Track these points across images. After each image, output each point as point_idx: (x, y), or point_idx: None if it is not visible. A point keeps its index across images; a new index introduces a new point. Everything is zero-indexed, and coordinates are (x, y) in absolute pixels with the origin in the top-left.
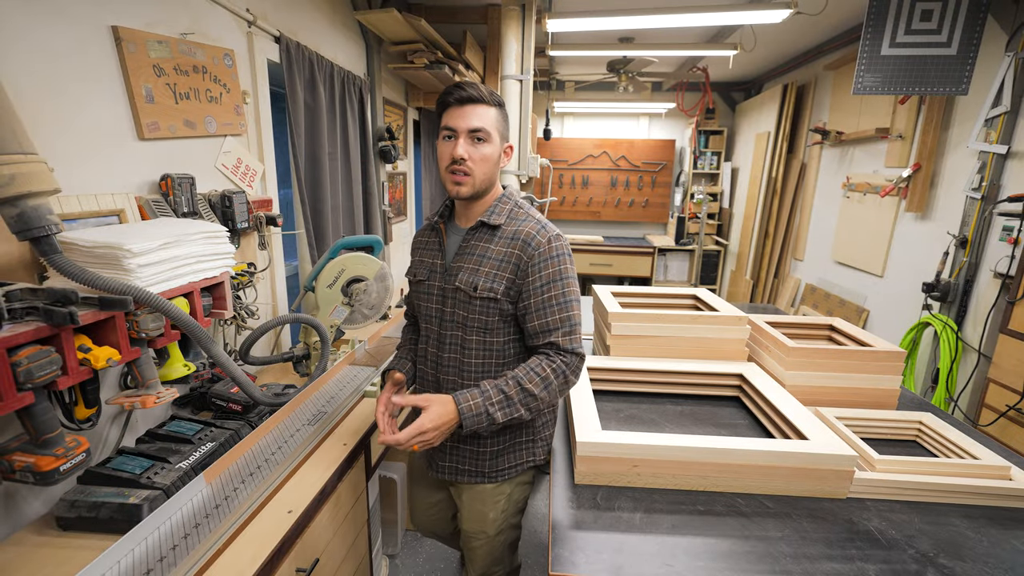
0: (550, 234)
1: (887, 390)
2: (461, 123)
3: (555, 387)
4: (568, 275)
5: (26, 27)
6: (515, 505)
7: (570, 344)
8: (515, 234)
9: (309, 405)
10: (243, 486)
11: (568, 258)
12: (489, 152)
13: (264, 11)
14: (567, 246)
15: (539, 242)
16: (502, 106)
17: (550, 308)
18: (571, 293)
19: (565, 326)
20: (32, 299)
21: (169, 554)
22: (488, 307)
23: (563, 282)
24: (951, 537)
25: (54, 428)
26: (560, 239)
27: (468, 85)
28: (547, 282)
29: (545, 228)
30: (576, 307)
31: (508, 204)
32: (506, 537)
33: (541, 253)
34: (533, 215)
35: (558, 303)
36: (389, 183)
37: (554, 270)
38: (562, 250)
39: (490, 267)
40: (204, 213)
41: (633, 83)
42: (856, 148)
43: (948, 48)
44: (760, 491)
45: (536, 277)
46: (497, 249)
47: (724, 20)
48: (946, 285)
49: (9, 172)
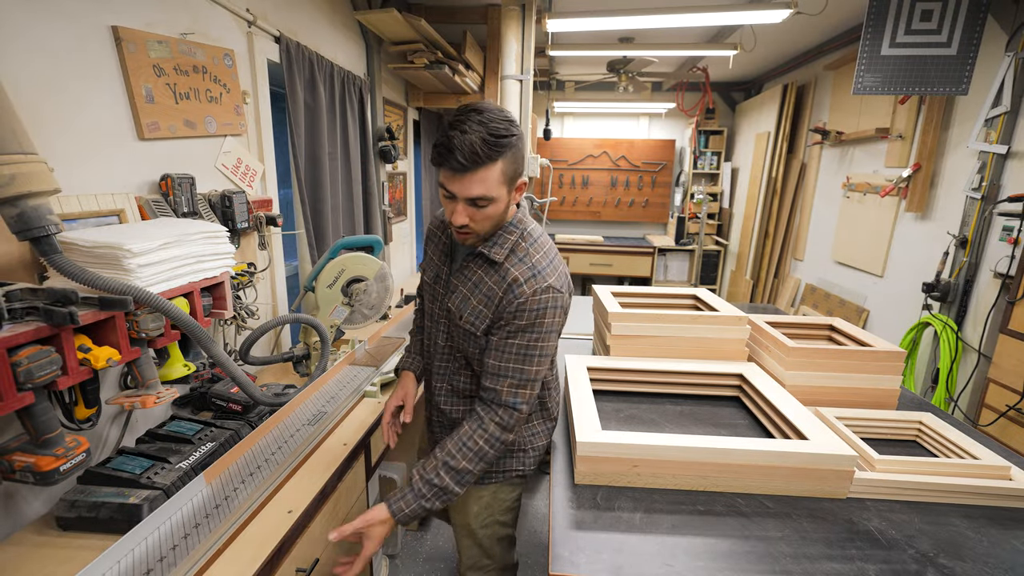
0: (539, 285)
1: (887, 390)
2: (459, 191)
3: (490, 456)
4: (543, 329)
5: (26, 27)
6: (501, 503)
7: (513, 398)
8: (506, 274)
9: (309, 405)
10: (243, 486)
11: (552, 311)
12: (494, 211)
13: (264, 11)
14: (558, 298)
15: (523, 291)
16: (510, 148)
17: (508, 354)
18: (538, 348)
19: (515, 377)
20: (32, 299)
21: (169, 554)
22: (469, 339)
23: (534, 335)
24: (951, 537)
25: (54, 428)
26: (549, 291)
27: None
28: (516, 331)
29: (536, 277)
30: (540, 363)
31: (513, 236)
32: (493, 532)
33: (520, 304)
34: (533, 255)
35: (519, 352)
36: (389, 183)
37: (528, 322)
38: (546, 303)
39: (478, 301)
40: (204, 213)
41: (633, 83)
42: (856, 148)
43: (948, 48)
44: (760, 491)
45: (509, 325)
46: (489, 284)
47: (724, 20)
48: (946, 285)
49: (9, 172)
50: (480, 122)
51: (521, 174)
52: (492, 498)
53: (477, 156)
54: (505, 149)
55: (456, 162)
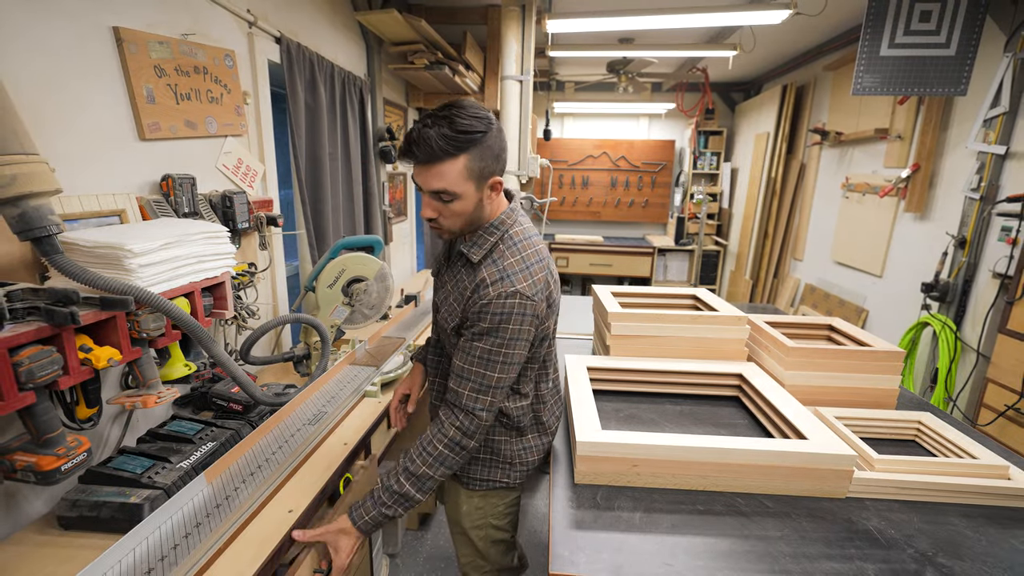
0: (505, 289)
1: (886, 390)
2: (422, 183)
3: (452, 461)
4: (507, 336)
5: (27, 28)
6: (494, 507)
7: (473, 403)
8: (477, 274)
9: (309, 405)
10: (244, 486)
11: (518, 317)
12: (460, 207)
13: (265, 12)
14: (525, 304)
15: (487, 293)
16: (474, 143)
17: (471, 357)
18: (499, 354)
19: (476, 382)
20: (33, 299)
21: (170, 553)
22: (444, 334)
23: (496, 339)
24: (950, 536)
25: (55, 428)
26: (515, 297)
27: (420, 143)
28: (480, 333)
29: (504, 280)
30: (502, 370)
31: (493, 237)
32: (486, 535)
33: (483, 305)
34: (507, 258)
35: (481, 357)
36: (389, 183)
37: (491, 326)
38: (511, 309)
39: (454, 299)
40: (205, 213)
41: (633, 83)
42: (855, 148)
43: (947, 49)
44: (759, 491)
45: (474, 324)
46: (465, 283)
47: (724, 21)
48: (945, 285)
49: (11, 172)
50: (447, 117)
51: (494, 172)
52: (483, 501)
53: (432, 151)
54: (468, 145)
55: (414, 155)
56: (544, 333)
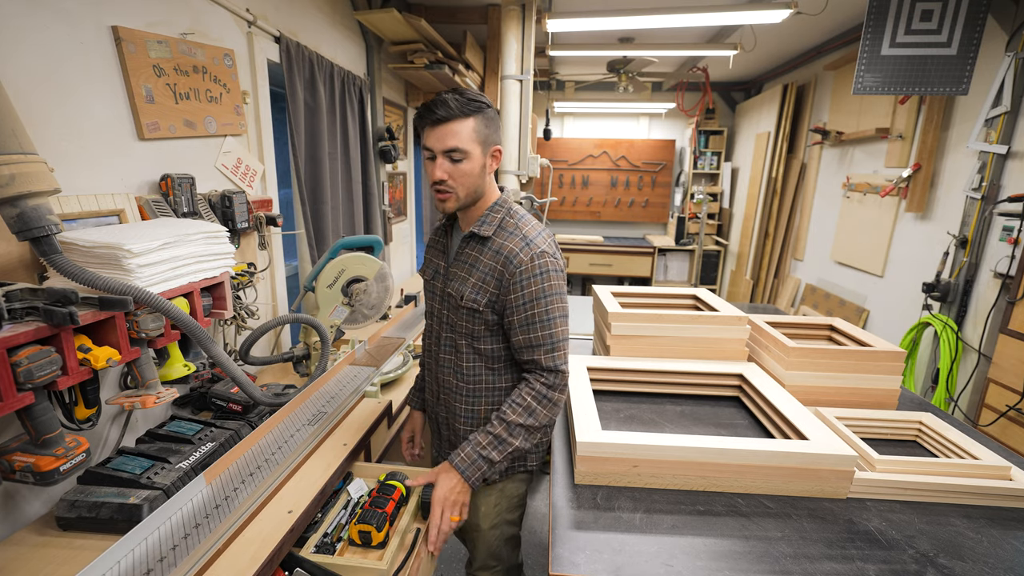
0: (533, 251)
1: (887, 390)
2: (436, 144)
3: (542, 412)
4: (551, 292)
5: (26, 27)
6: (508, 501)
7: (552, 362)
8: (500, 248)
9: (309, 405)
10: (243, 486)
11: (554, 274)
12: (469, 168)
13: (264, 11)
14: (553, 261)
15: (521, 260)
16: (481, 111)
17: (532, 326)
18: (554, 311)
19: (547, 343)
20: (32, 299)
21: (169, 554)
22: (473, 317)
23: (546, 299)
24: (951, 537)
25: (54, 428)
26: (544, 256)
27: (439, 104)
28: (529, 300)
29: (529, 244)
30: (559, 324)
31: (500, 213)
32: (501, 532)
33: (523, 271)
34: (522, 228)
35: (540, 320)
36: (389, 183)
37: (536, 288)
38: (546, 267)
39: (477, 278)
40: (204, 213)
41: (633, 83)
42: (856, 148)
43: (948, 48)
44: (760, 491)
45: (519, 295)
46: (485, 261)
47: (724, 20)
48: (946, 285)
49: (9, 172)
50: (457, 90)
51: (496, 142)
52: (500, 495)
53: (451, 109)
54: (476, 111)
55: (434, 114)
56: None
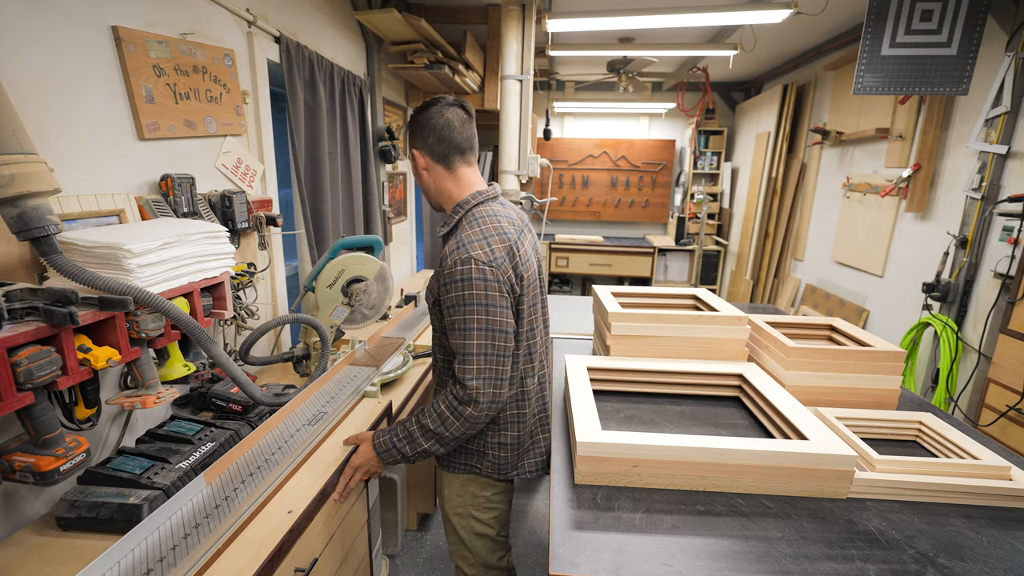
0: (459, 256)
1: (887, 390)
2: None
3: (452, 424)
4: (471, 301)
5: (26, 27)
6: (474, 499)
7: (462, 374)
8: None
9: (309, 405)
10: (243, 486)
11: (476, 283)
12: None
13: (264, 11)
14: (481, 268)
15: (447, 263)
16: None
17: (452, 332)
18: (471, 321)
19: (460, 353)
20: (32, 299)
21: (169, 554)
22: (432, 313)
23: (464, 308)
24: (951, 537)
25: (54, 428)
26: (469, 263)
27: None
28: (449, 305)
29: (460, 248)
30: (476, 336)
31: (458, 214)
32: (468, 525)
33: (447, 275)
34: (465, 230)
35: (456, 328)
36: (389, 183)
37: (456, 295)
38: (468, 274)
39: (433, 276)
40: (204, 213)
41: (633, 83)
42: (856, 148)
43: (948, 48)
44: (760, 491)
45: (446, 297)
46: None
47: (724, 20)
48: (946, 285)
49: (9, 172)
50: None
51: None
52: (462, 488)
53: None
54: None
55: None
56: (518, 303)
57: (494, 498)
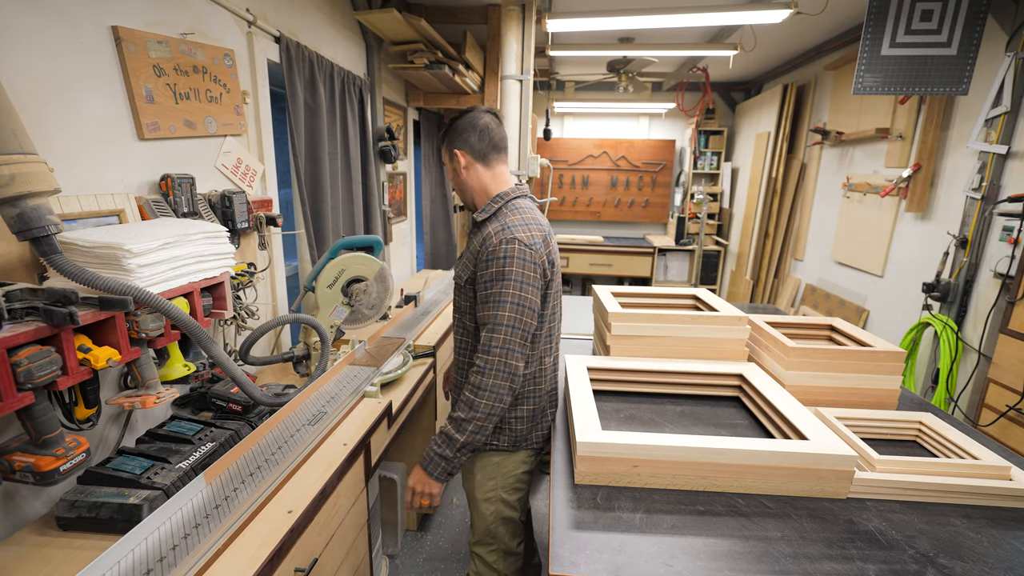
0: (504, 236)
1: (887, 390)
2: None
3: (480, 403)
4: (506, 276)
5: (26, 27)
6: (504, 479)
7: (488, 341)
8: (484, 231)
9: (309, 405)
10: (243, 486)
11: (517, 261)
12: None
13: (264, 11)
14: (522, 248)
15: (492, 242)
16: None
17: (485, 304)
18: (506, 295)
19: (489, 323)
20: (32, 299)
21: (169, 554)
22: (462, 292)
23: (501, 282)
24: (951, 537)
25: (54, 428)
26: (513, 243)
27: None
28: (489, 279)
29: (504, 230)
30: (506, 309)
31: (498, 204)
32: (496, 509)
33: (490, 252)
34: (508, 215)
35: (492, 300)
36: (389, 183)
37: (496, 270)
38: (511, 252)
39: (466, 258)
40: (204, 213)
41: (633, 83)
42: (856, 148)
43: (948, 48)
44: (760, 491)
45: (483, 273)
46: (474, 243)
47: (724, 20)
48: (946, 285)
49: (9, 172)
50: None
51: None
52: (495, 469)
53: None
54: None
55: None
56: (547, 287)
57: (523, 476)
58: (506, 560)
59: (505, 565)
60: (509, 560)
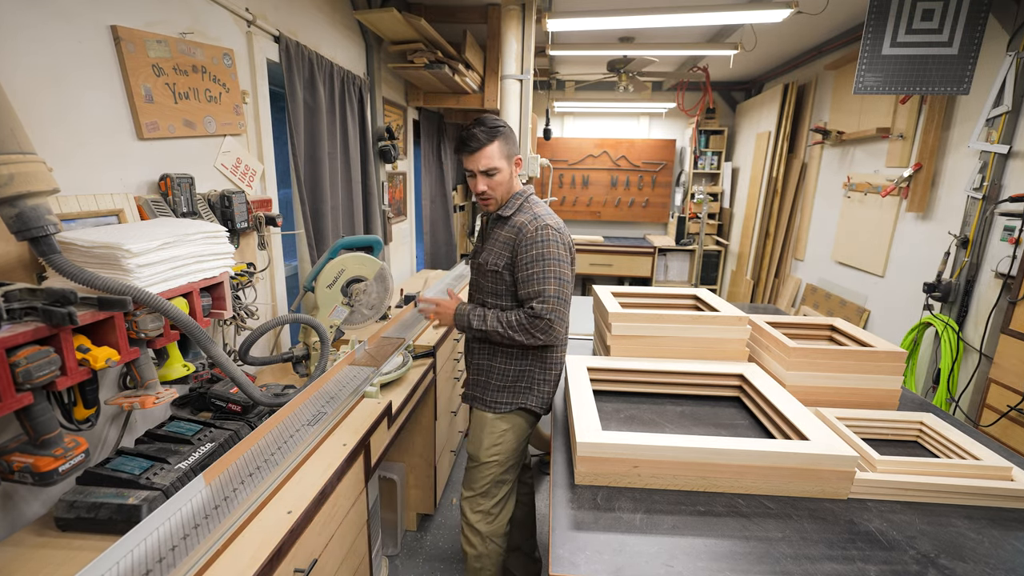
0: (539, 224)
1: (888, 390)
2: (475, 166)
3: (515, 328)
4: (548, 257)
5: (25, 27)
6: (507, 444)
7: (540, 308)
8: (515, 223)
9: (309, 405)
10: (243, 487)
11: (553, 244)
12: (500, 178)
13: (264, 11)
14: (555, 232)
15: (528, 230)
16: (502, 134)
17: (530, 282)
18: (549, 271)
19: (539, 296)
20: (31, 299)
21: (168, 555)
22: (495, 278)
23: (543, 262)
24: (952, 538)
25: (53, 428)
26: (547, 228)
27: (471, 138)
28: (531, 260)
29: (536, 219)
30: (551, 283)
31: (519, 199)
32: (493, 473)
33: (528, 238)
34: (534, 208)
35: (536, 278)
36: (389, 183)
37: (536, 252)
38: (547, 236)
39: (498, 248)
40: (203, 213)
41: (633, 83)
42: (857, 148)
43: (949, 48)
44: (760, 491)
45: (524, 256)
46: (503, 234)
47: (724, 20)
48: (947, 285)
49: (8, 172)
50: (479, 121)
51: (515, 153)
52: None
53: (480, 140)
54: (498, 135)
55: (468, 147)
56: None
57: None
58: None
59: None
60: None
